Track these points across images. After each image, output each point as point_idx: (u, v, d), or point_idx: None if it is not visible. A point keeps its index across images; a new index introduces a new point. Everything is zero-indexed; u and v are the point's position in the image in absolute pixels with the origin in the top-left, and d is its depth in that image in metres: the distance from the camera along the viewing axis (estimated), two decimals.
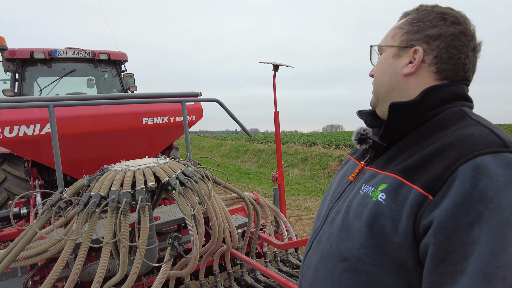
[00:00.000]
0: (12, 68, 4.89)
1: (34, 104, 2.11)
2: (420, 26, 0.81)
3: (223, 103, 2.84)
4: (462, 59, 0.79)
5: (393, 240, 0.69)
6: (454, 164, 0.64)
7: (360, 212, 0.77)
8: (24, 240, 1.70)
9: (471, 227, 0.59)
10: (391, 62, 0.85)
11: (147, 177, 1.77)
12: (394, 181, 0.73)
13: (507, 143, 0.65)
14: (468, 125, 0.72)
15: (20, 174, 4.42)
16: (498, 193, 0.58)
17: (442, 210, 0.62)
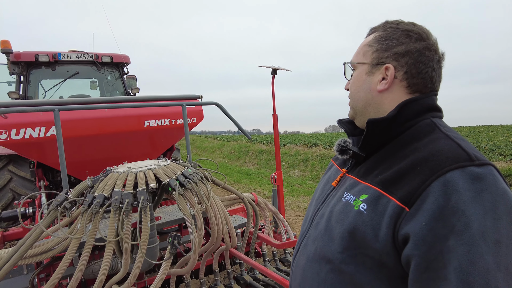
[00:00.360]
0: (17, 71, 4.99)
1: (40, 108, 2.18)
2: (388, 44, 0.87)
3: (223, 106, 2.91)
4: (430, 73, 0.86)
5: (373, 246, 0.76)
6: (428, 180, 0.71)
7: (342, 218, 0.84)
8: (31, 238, 1.78)
9: (447, 238, 0.66)
10: (365, 79, 0.92)
11: (148, 178, 1.85)
12: (374, 192, 0.80)
13: (472, 157, 0.71)
14: (438, 138, 0.80)
15: (25, 175, 4.52)
16: (467, 207, 0.65)
17: (422, 224, 0.68)
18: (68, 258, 1.74)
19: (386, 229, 0.74)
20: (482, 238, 0.64)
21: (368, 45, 0.92)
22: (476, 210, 0.65)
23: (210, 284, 2.79)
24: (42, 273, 2.48)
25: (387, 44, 0.87)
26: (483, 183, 0.67)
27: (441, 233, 0.66)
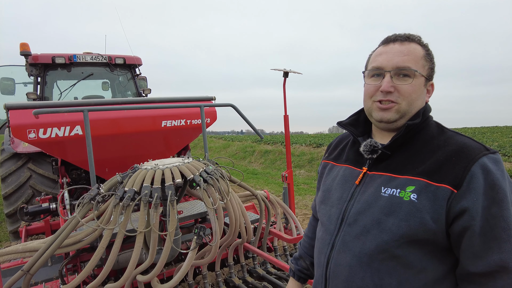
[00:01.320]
0: (35, 72, 5.18)
1: (71, 109, 2.34)
2: (433, 63, 1.06)
3: (237, 107, 3.06)
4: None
5: (430, 228, 0.91)
6: (468, 166, 0.91)
7: (393, 210, 0.96)
8: (68, 228, 1.94)
9: (492, 207, 0.87)
10: (423, 90, 1.05)
11: (175, 174, 1.99)
12: (420, 183, 0.95)
13: (487, 147, 0.95)
14: (453, 135, 1.01)
15: (44, 173, 4.70)
16: (500, 183, 0.89)
17: (474, 200, 0.88)
18: (103, 247, 1.89)
19: (440, 210, 0.90)
20: (508, 204, 0.87)
21: (425, 59, 1.04)
22: (504, 184, 0.89)
23: (225, 276, 2.94)
24: (69, 263, 2.64)
25: (433, 63, 1.06)
26: (501, 165, 0.92)
27: (487, 204, 0.87)
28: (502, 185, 0.88)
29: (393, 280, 0.95)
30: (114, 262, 2.38)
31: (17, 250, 2.05)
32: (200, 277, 2.89)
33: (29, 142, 2.78)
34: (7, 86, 6.07)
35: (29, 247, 2.07)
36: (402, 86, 1.01)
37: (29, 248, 2.05)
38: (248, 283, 2.87)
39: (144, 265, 2.04)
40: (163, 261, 1.94)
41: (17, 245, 2.12)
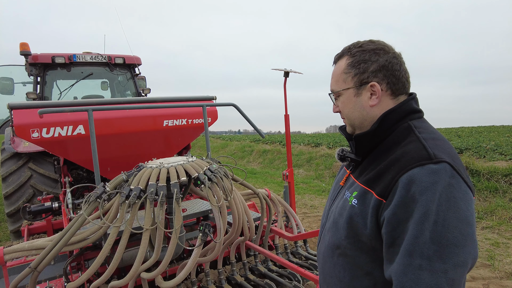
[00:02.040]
0: (35, 72, 5.18)
1: (75, 109, 2.37)
2: (363, 66, 1.02)
3: (239, 106, 3.09)
4: (404, 75, 1.04)
5: (364, 233, 0.96)
6: (396, 176, 0.90)
7: (342, 212, 1.06)
8: (75, 226, 1.96)
9: (407, 221, 0.85)
10: (355, 100, 1.06)
11: (179, 173, 2.03)
12: (361, 189, 1.00)
13: (432, 156, 0.88)
14: (410, 142, 0.96)
15: (44, 172, 4.71)
16: (421, 195, 0.84)
17: (390, 209, 0.88)
18: (110, 245, 1.92)
19: (371, 218, 0.94)
20: (426, 219, 0.82)
21: (345, 72, 1.06)
22: (426, 198, 0.83)
23: (227, 274, 2.97)
24: (73, 262, 2.67)
25: (362, 68, 1.02)
26: (437, 176, 0.84)
27: (402, 217, 0.86)
28: (422, 198, 0.83)
29: (347, 275, 1.04)
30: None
31: (24, 248, 2.07)
32: (202, 275, 2.91)
33: (33, 141, 2.80)
34: (6, 85, 6.06)
35: (35, 245, 2.09)
36: (339, 106, 1.12)
37: (35, 246, 2.08)
38: (250, 280, 2.91)
39: (149, 263, 2.07)
40: (169, 258, 1.97)
41: (23, 243, 2.14)
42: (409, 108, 1.03)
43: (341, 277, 1.06)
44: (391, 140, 1.01)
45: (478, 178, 6.24)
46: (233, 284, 2.91)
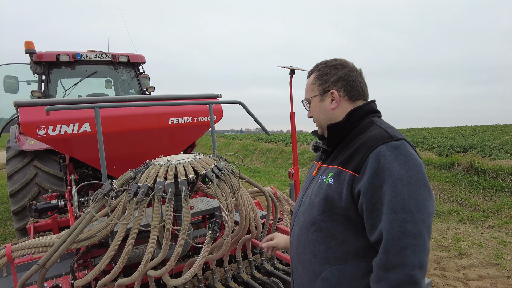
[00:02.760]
0: (39, 70, 5.18)
1: (82, 106, 2.36)
2: (325, 78, 1.31)
3: (245, 104, 3.08)
4: (359, 84, 1.30)
5: (340, 205, 1.15)
6: (366, 154, 1.11)
7: (318, 192, 1.24)
8: (82, 223, 1.96)
9: (381, 186, 1.05)
10: (320, 105, 1.34)
11: (187, 170, 2.02)
12: (336, 170, 1.20)
13: (393, 136, 1.12)
14: (373, 129, 1.20)
15: (49, 170, 4.72)
16: (389, 165, 1.05)
17: (365, 181, 1.07)
18: (117, 242, 1.92)
19: (346, 191, 1.13)
20: (400, 183, 1.03)
21: (313, 83, 1.35)
22: (395, 167, 1.05)
23: (233, 272, 2.97)
24: (80, 259, 2.67)
25: (325, 78, 1.31)
26: (399, 150, 1.07)
27: (377, 184, 1.05)
28: (392, 166, 1.04)
29: (322, 248, 1.20)
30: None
31: (31, 245, 2.07)
32: (208, 272, 2.91)
33: (39, 139, 2.80)
34: (11, 84, 6.08)
35: (43, 242, 2.09)
36: (311, 112, 1.39)
37: (43, 243, 2.07)
38: (257, 278, 2.90)
39: (156, 260, 2.06)
40: (177, 255, 1.96)
41: (31, 240, 2.14)
42: (371, 108, 1.30)
43: (315, 251, 1.22)
44: (357, 131, 1.24)
45: (483, 177, 6.20)
46: (239, 282, 2.90)
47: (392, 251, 1.00)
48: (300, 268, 1.31)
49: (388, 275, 1.01)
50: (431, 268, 3.80)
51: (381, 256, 1.03)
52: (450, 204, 6.05)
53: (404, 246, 0.99)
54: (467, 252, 4.12)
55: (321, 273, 1.20)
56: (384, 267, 1.02)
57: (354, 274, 1.14)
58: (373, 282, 1.07)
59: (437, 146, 8.76)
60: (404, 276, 0.99)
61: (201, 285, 2.71)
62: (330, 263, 1.18)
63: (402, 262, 0.99)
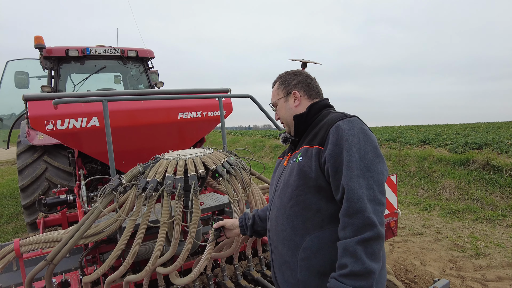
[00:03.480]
0: (49, 65, 5.18)
1: (90, 99, 2.31)
2: (288, 82, 1.60)
3: (255, 98, 3.00)
4: (315, 86, 1.60)
5: (311, 176, 1.34)
6: (328, 129, 1.35)
7: (291, 172, 1.43)
8: (90, 219, 1.91)
9: (341, 152, 1.27)
10: (285, 105, 1.59)
11: (197, 165, 1.95)
12: (304, 149, 1.43)
13: (347, 115, 1.40)
14: (331, 114, 1.46)
15: (59, 165, 4.72)
16: (346, 134, 1.29)
17: (328, 149, 1.30)
18: (126, 238, 1.86)
19: (314, 162, 1.34)
20: (354, 147, 1.26)
21: (277, 88, 1.63)
22: (350, 135, 1.28)
23: (243, 269, 2.91)
24: (88, 255, 2.63)
25: (287, 83, 1.60)
26: (352, 123, 1.32)
27: (338, 151, 1.28)
28: (347, 135, 1.28)
29: (299, 220, 1.36)
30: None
31: (39, 240, 2.04)
32: (218, 270, 2.86)
33: (47, 133, 2.77)
34: (21, 80, 6.10)
35: (51, 237, 2.06)
36: (278, 114, 1.66)
37: (51, 239, 2.04)
38: (267, 276, 2.83)
39: (165, 257, 2.01)
40: (186, 252, 1.91)
41: (39, 235, 2.11)
42: (326, 103, 1.58)
43: (294, 225, 1.37)
44: (317, 120, 1.49)
45: (500, 174, 6.01)
46: (249, 279, 2.84)
47: (353, 199, 1.19)
48: (280, 246, 1.44)
49: (351, 220, 1.19)
50: (447, 268, 3.69)
51: (344, 205, 1.22)
52: (465, 202, 5.90)
53: (361, 194, 1.19)
54: (484, 252, 3.99)
55: (302, 244, 1.35)
56: (347, 214, 1.20)
57: (332, 238, 1.29)
58: (340, 230, 1.23)
59: (451, 143, 8.55)
60: (365, 219, 1.16)
61: (210, 283, 2.66)
62: (309, 232, 1.34)
63: (361, 208, 1.18)
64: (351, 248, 1.16)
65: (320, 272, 1.31)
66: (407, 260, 3.77)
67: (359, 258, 1.14)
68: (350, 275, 1.14)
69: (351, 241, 1.16)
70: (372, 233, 1.16)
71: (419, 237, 4.72)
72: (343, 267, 1.17)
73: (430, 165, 7.49)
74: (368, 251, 1.15)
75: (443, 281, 2.46)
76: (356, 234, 1.17)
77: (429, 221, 5.35)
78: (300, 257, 1.35)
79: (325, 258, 1.30)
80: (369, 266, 1.13)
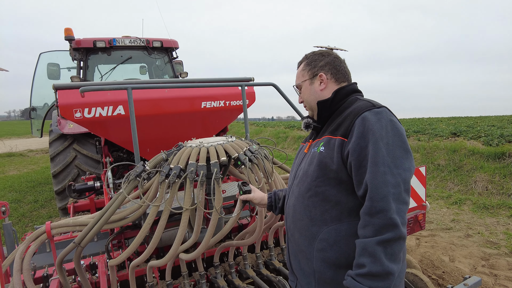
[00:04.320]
0: (78, 56, 5.33)
1: (115, 87, 2.35)
2: (314, 64, 1.48)
3: (279, 87, 2.95)
4: (343, 69, 1.47)
5: (332, 168, 1.28)
6: (353, 121, 1.26)
7: (311, 162, 1.37)
8: (115, 204, 1.95)
9: (366, 146, 1.19)
10: (310, 88, 1.49)
11: (219, 152, 1.94)
12: (326, 139, 1.35)
13: (375, 104, 1.28)
14: (358, 102, 1.35)
15: (87, 153, 4.88)
16: (373, 127, 1.20)
17: (353, 142, 1.22)
18: (149, 224, 1.89)
19: (337, 154, 1.27)
20: (381, 141, 1.18)
21: (303, 69, 1.51)
22: (377, 128, 1.20)
23: (265, 258, 2.90)
24: (114, 239, 2.71)
25: (313, 64, 1.48)
26: (381, 115, 1.23)
27: (363, 144, 1.20)
28: (374, 128, 1.19)
29: (318, 211, 1.32)
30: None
31: (68, 224, 2.11)
32: (240, 258, 2.87)
33: (76, 121, 2.85)
34: (53, 71, 6.34)
35: (79, 221, 2.12)
36: (301, 97, 1.55)
37: (79, 222, 2.10)
38: None
39: (188, 244, 2.03)
40: (209, 239, 1.91)
41: (68, 218, 2.18)
42: (354, 88, 1.46)
43: (312, 216, 1.33)
44: (343, 107, 1.39)
45: None
46: (271, 269, 2.83)
47: (376, 198, 1.14)
48: (297, 235, 1.42)
49: (373, 220, 1.14)
50: (478, 265, 3.52)
51: (367, 204, 1.16)
52: (499, 197, 5.60)
53: (386, 193, 1.13)
54: None
55: (319, 235, 1.32)
56: (369, 213, 1.15)
57: (349, 232, 1.26)
58: (360, 228, 1.19)
59: (485, 135, 8.11)
60: (387, 220, 1.11)
61: (232, 270, 2.67)
62: (326, 224, 1.30)
63: (384, 208, 1.12)
64: (371, 248, 1.12)
65: (336, 265, 1.28)
66: (434, 255, 3.63)
67: (378, 259, 1.10)
68: (367, 276, 1.11)
69: (371, 241, 1.13)
70: (394, 234, 1.11)
71: (448, 232, 4.53)
72: (361, 266, 1.14)
73: (461, 158, 7.16)
74: (388, 252, 1.11)
75: (474, 278, 2.34)
76: (376, 234, 1.13)
77: (459, 216, 5.13)
78: (316, 247, 1.32)
79: (341, 251, 1.27)
80: (388, 268, 1.10)
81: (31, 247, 2.07)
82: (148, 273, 2.29)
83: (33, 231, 2.44)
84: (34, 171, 11.06)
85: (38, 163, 12.94)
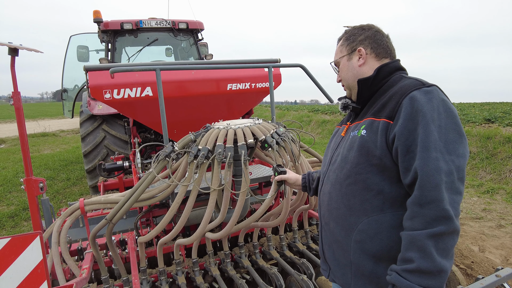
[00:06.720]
0: (106, 38, 5.41)
1: (144, 68, 2.37)
2: (353, 38, 1.36)
3: (307, 68, 2.88)
4: (385, 43, 1.33)
5: (375, 154, 1.17)
6: (400, 100, 1.13)
7: (351, 146, 1.26)
8: (145, 183, 2.00)
9: (415, 129, 1.08)
10: (348, 64, 1.37)
11: (246, 134, 1.93)
12: (368, 121, 1.23)
13: (424, 83, 1.16)
14: (404, 80, 1.23)
15: (116, 134, 5.03)
16: (423, 107, 1.08)
17: (400, 125, 1.10)
18: (178, 203, 1.93)
19: (381, 138, 1.16)
20: (432, 124, 1.06)
21: (341, 45, 1.40)
22: (428, 109, 1.08)
23: (288, 241, 2.92)
24: (143, 217, 2.81)
25: (352, 38, 1.36)
26: (431, 94, 1.10)
27: (412, 127, 1.08)
28: (425, 109, 1.07)
29: (357, 200, 1.22)
30: None
31: (100, 201, 2.20)
32: (264, 239, 2.90)
33: (105, 102, 2.92)
34: (82, 53, 6.49)
35: (110, 199, 2.20)
36: (340, 75, 1.43)
37: (110, 200, 2.18)
38: (312, 249, 2.82)
39: (214, 223, 2.06)
40: (235, 219, 1.94)
41: (99, 196, 2.27)
42: (398, 65, 1.33)
43: (350, 205, 1.24)
44: (387, 86, 1.27)
45: None
46: (294, 251, 2.85)
47: (427, 186, 1.03)
48: (332, 224, 1.33)
49: (423, 211, 1.03)
50: (511, 256, 3.39)
51: (416, 193, 1.05)
52: None
53: (439, 182, 1.02)
54: None
55: (357, 225, 1.22)
56: (419, 203, 1.04)
57: (392, 223, 1.16)
58: (406, 219, 1.08)
59: None
60: (440, 211, 1.01)
61: (256, 251, 2.71)
62: (367, 214, 1.20)
63: (437, 198, 1.02)
64: (420, 242, 1.02)
65: (376, 257, 1.19)
66: (463, 245, 3.53)
67: (429, 253, 1.00)
68: (416, 272, 1.01)
69: (421, 234, 1.02)
70: (447, 227, 1.00)
71: (478, 222, 4.38)
72: (408, 261, 1.04)
73: (496, 145, 6.82)
74: (440, 247, 1.01)
75: (507, 270, 2.24)
76: (427, 226, 1.02)
77: (491, 206, 4.93)
78: (354, 238, 1.23)
79: (382, 243, 1.17)
80: (439, 264, 1.00)
81: (67, 222, 2.17)
82: (175, 251, 2.36)
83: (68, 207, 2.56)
84: (66, 150, 11.57)
85: (69, 143, 13.52)
